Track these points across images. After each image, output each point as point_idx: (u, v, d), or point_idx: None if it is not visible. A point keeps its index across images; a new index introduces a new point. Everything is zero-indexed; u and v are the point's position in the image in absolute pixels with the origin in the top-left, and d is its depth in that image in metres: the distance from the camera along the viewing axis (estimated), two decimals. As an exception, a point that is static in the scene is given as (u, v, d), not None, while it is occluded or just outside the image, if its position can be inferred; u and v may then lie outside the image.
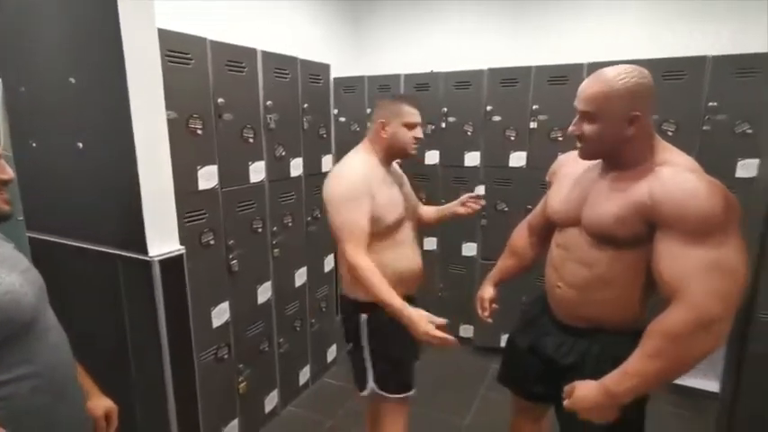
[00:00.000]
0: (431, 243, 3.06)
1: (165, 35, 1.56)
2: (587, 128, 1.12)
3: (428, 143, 2.97)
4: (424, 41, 3.36)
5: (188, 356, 1.56)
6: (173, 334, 1.45)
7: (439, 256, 3.08)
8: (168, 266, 1.41)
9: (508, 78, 2.67)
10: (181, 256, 1.46)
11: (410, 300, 1.52)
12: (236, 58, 1.91)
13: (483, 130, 2.81)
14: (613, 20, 2.82)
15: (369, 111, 3.12)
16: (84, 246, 1.49)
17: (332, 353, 2.84)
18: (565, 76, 2.55)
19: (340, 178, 1.51)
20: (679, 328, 0.96)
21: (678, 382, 2.59)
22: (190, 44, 1.70)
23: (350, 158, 1.59)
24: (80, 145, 1.44)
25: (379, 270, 1.44)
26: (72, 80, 1.41)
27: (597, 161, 1.23)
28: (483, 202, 1.62)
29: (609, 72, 1.09)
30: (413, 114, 1.56)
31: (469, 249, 2.98)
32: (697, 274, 0.96)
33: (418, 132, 1.58)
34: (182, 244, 1.51)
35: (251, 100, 2.03)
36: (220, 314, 1.95)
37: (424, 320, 1.34)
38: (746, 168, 2.23)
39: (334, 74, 2.98)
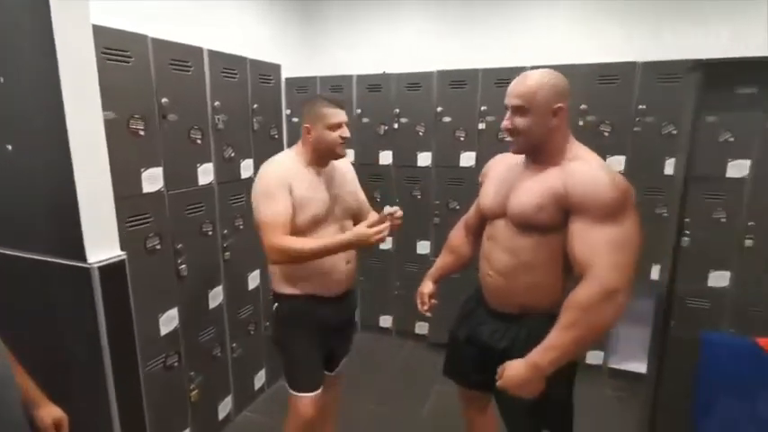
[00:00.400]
0: (387, 242, 3.10)
1: (101, 32, 1.49)
2: (519, 121, 1.27)
3: (381, 144, 3.01)
4: (377, 42, 3.38)
5: (132, 366, 1.50)
6: (115, 344, 1.39)
7: (394, 254, 3.13)
8: (108, 273, 1.35)
9: (457, 80, 2.75)
10: (122, 261, 1.40)
11: (338, 299, 1.67)
12: (180, 57, 1.85)
13: (434, 131, 2.87)
14: (558, 24, 2.96)
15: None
16: (17, 254, 1.40)
17: (288, 355, 2.81)
18: (510, 79, 2.63)
19: (261, 176, 1.57)
20: (588, 299, 1.10)
21: (617, 366, 2.77)
22: (129, 42, 1.64)
23: (275, 157, 1.65)
24: (9, 147, 1.35)
25: (294, 268, 1.59)
26: (0, 79, 1.32)
27: (521, 159, 1.38)
28: (398, 221, 1.54)
29: (535, 72, 1.29)
30: (334, 115, 1.58)
31: (423, 248, 3.04)
32: (601, 250, 1.11)
33: (344, 132, 1.59)
34: (125, 249, 1.44)
35: (198, 100, 1.97)
36: (169, 321, 1.89)
37: (362, 228, 1.47)
38: (673, 166, 2.42)
39: (286, 74, 2.97)
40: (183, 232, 1.93)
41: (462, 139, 2.80)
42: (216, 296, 2.15)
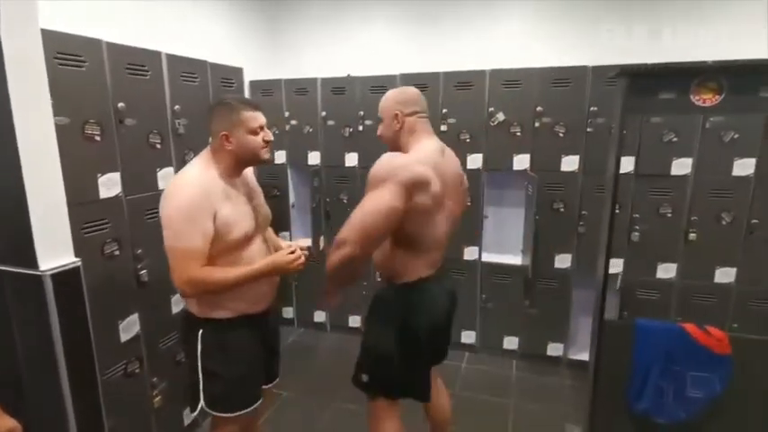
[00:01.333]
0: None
1: (53, 36, 1.48)
2: (380, 128, 1.62)
3: (347, 146, 3.05)
4: (342, 45, 3.42)
5: (90, 374, 1.49)
6: (71, 353, 1.37)
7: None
8: (62, 280, 1.33)
9: (419, 83, 2.81)
10: (76, 268, 1.38)
11: (265, 314, 1.59)
12: (137, 62, 1.84)
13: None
14: (517, 28, 3.07)
15: (287, 113, 3.14)
16: (-36, 263, 1.37)
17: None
18: (470, 82, 2.73)
19: (176, 196, 1.38)
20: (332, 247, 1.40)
21: (575, 357, 2.88)
22: (83, 46, 1.62)
23: (186, 173, 1.46)
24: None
25: (233, 299, 1.47)
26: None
27: None
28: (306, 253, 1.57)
29: (389, 91, 1.64)
30: (255, 118, 1.47)
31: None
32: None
33: (267, 135, 1.50)
34: (81, 256, 1.43)
35: (156, 104, 1.96)
36: (129, 327, 1.87)
37: (281, 256, 1.49)
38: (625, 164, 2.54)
39: (249, 77, 2.97)
40: (143, 237, 1.91)
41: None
42: (178, 301, 2.14)
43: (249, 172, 1.63)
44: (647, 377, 1.30)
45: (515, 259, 2.90)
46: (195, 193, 1.37)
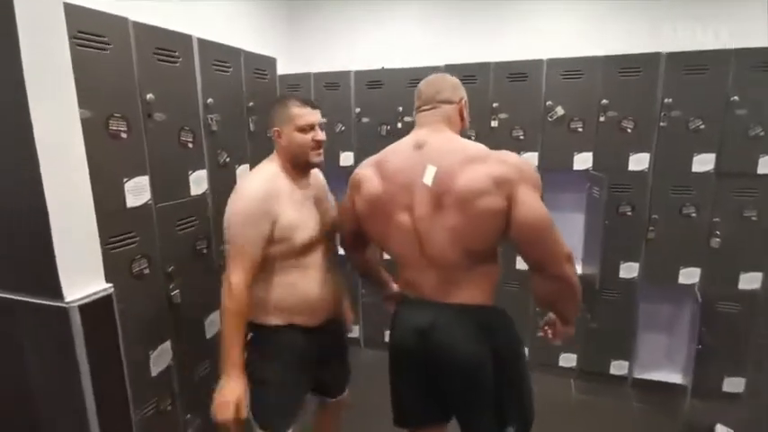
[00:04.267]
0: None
1: (73, 11, 1.20)
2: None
3: (384, 145, 2.76)
4: (374, 37, 3.16)
5: (124, 420, 1.22)
6: (102, 397, 1.10)
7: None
8: (91, 312, 1.06)
9: (466, 75, 2.54)
10: (108, 297, 1.11)
11: (324, 327, 1.48)
12: (167, 46, 1.57)
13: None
14: (571, 14, 2.81)
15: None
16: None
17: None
18: (524, 73, 2.47)
19: (238, 197, 1.36)
20: None
21: (640, 376, 2.61)
22: (107, 24, 1.35)
23: (254, 173, 1.45)
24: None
25: (278, 295, 1.40)
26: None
27: None
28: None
29: None
30: (305, 115, 1.40)
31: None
32: None
33: (318, 134, 1.42)
34: (108, 278, 1.16)
35: (188, 97, 1.69)
36: (161, 358, 1.60)
37: (236, 391, 1.30)
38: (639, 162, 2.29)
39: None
40: (175, 252, 1.64)
41: (473, 137, 2.60)
42: (213, 324, 1.86)
43: (320, 177, 1.58)
44: None
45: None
46: (254, 198, 1.34)
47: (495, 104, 2.52)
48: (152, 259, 1.54)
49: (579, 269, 2.59)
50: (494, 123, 2.53)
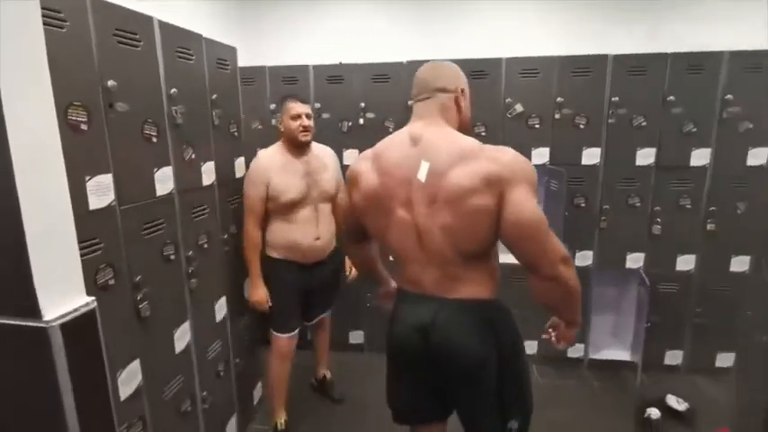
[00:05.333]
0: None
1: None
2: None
3: (346, 141, 2.71)
4: (333, 29, 3.07)
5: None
6: (87, 421, 0.94)
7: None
8: (74, 331, 0.90)
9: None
10: (91, 312, 0.95)
11: (309, 267, 2.10)
12: (127, 28, 1.39)
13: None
14: (530, 15, 2.93)
15: (272, 106, 2.73)
16: None
17: (258, 393, 2.39)
18: (484, 71, 2.53)
19: (250, 168, 2.04)
20: None
21: (596, 356, 2.79)
22: (64, 0, 1.16)
23: (262, 151, 2.08)
24: None
25: (273, 236, 2.07)
26: None
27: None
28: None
29: None
30: (294, 108, 2.00)
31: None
32: None
33: (303, 121, 1.99)
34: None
35: (150, 85, 1.51)
36: (130, 379, 1.42)
37: (259, 292, 2.07)
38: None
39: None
40: (142, 260, 1.47)
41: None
42: (183, 336, 1.69)
43: (326, 155, 2.15)
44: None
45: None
46: (254, 167, 2.02)
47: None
48: (118, 268, 1.36)
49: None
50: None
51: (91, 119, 1.25)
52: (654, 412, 2.25)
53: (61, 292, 0.90)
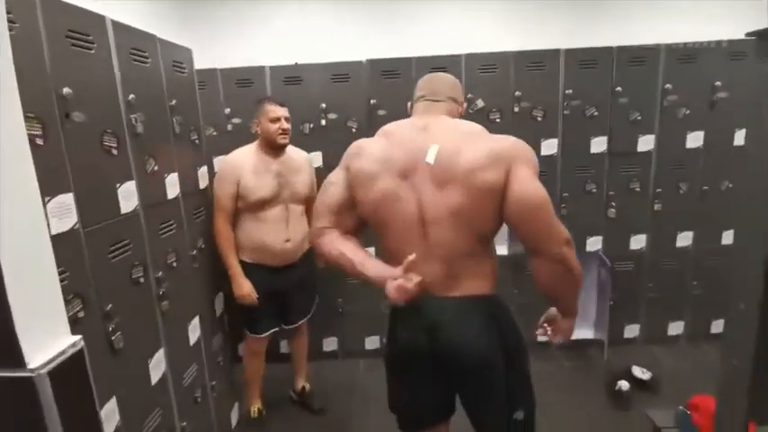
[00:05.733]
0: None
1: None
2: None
3: (308, 144, 2.61)
4: (292, 29, 2.96)
5: None
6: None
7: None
8: (63, 376, 0.78)
9: (389, 70, 2.55)
10: (80, 353, 0.83)
11: (279, 270, 2.10)
12: (80, 28, 1.24)
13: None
14: (486, 13, 2.98)
15: (227, 110, 2.58)
16: None
17: (235, 414, 2.26)
18: (445, 67, 2.55)
19: (220, 167, 2.05)
20: None
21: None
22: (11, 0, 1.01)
23: (238, 149, 2.08)
24: None
25: (243, 237, 2.05)
26: None
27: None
28: None
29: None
30: (273, 111, 2.00)
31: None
32: None
33: (282, 124, 2.01)
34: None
35: (107, 92, 1.37)
36: (108, 419, 1.27)
37: (243, 287, 2.03)
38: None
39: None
40: (110, 286, 1.32)
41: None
42: (158, 365, 1.55)
43: (301, 158, 2.16)
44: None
45: (502, 249, 2.82)
46: (225, 165, 2.03)
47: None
48: (86, 298, 1.21)
49: (505, 250, 2.79)
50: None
51: (46, 132, 1.11)
52: (624, 384, 2.38)
53: (45, 334, 0.78)
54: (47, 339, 0.78)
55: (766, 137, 1.20)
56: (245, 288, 2.02)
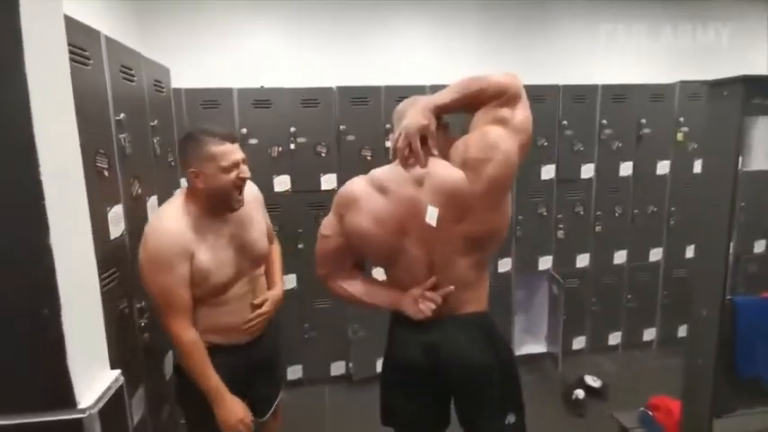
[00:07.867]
0: (290, 280, 2.69)
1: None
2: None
3: (276, 168, 2.60)
4: (251, 51, 2.92)
5: None
6: None
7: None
8: (110, 415, 0.72)
9: (358, 96, 2.63)
10: (121, 388, 0.77)
11: (247, 345, 1.47)
12: (77, 42, 1.17)
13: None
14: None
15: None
16: None
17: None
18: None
19: (150, 237, 1.28)
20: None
21: (527, 352, 3.10)
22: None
23: (163, 210, 1.35)
24: None
25: (201, 325, 1.36)
26: None
27: None
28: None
29: None
30: (227, 153, 1.30)
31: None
32: None
33: (243, 172, 1.34)
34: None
35: (100, 110, 1.29)
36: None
37: (235, 409, 1.37)
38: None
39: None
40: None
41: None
42: (139, 403, 1.43)
43: (249, 201, 1.43)
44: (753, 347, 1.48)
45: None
46: (165, 240, 1.27)
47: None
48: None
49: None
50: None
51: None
52: (579, 393, 2.58)
53: (92, 372, 0.72)
54: (94, 376, 0.72)
55: (717, 167, 1.43)
56: (239, 412, 1.37)
